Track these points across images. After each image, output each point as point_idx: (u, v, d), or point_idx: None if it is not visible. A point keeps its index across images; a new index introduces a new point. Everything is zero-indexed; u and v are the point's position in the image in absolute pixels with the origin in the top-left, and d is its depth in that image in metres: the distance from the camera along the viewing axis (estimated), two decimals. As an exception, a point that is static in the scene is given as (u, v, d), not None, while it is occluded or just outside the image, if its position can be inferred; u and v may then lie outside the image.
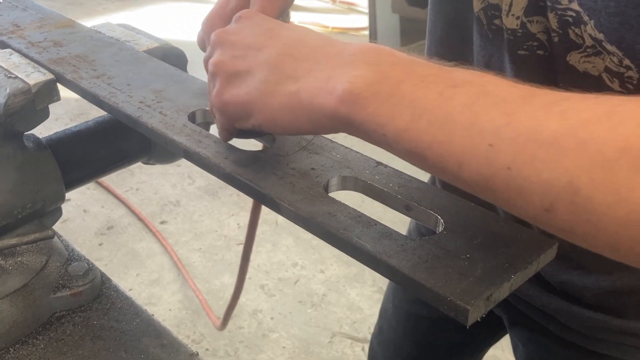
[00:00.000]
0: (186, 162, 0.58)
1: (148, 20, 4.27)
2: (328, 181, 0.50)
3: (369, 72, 0.40)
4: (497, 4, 0.54)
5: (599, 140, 0.32)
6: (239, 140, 0.52)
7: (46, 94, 0.64)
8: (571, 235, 0.34)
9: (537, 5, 0.51)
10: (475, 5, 0.57)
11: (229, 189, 2.54)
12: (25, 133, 0.66)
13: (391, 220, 0.76)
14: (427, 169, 0.39)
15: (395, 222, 0.59)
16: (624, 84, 0.48)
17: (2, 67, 0.66)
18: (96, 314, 0.65)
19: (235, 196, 2.55)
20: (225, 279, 2.16)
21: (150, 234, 2.38)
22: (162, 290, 2.12)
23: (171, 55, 0.74)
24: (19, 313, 0.62)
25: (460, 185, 0.38)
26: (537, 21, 0.52)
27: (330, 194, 0.48)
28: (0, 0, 0.86)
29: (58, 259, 0.67)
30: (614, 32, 0.45)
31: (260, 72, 0.46)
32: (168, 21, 4.33)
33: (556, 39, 0.51)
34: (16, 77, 0.64)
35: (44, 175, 0.66)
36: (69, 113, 3.06)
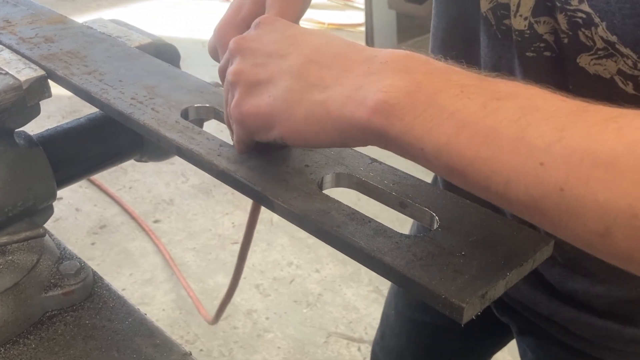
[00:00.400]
0: (180, 160, 0.58)
1: (141, 17, 4.25)
2: (322, 178, 0.49)
3: (403, 81, 0.38)
4: (507, 3, 0.52)
5: None
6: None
7: (37, 90, 0.63)
8: (628, 263, 0.32)
9: (545, 6, 0.50)
10: (482, 5, 0.55)
11: (223, 188, 2.53)
12: (16, 130, 0.66)
13: (387, 218, 0.76)
14: (469, 187, 0.37)
15: (392, 221, 0.59)
16: (639, 87, 0.47)
17: (-7, 63, 0.65)
18: (88, 313, 0.65)
19: (230, 195, 2.54)
20: (219, 278, 2.15)
21: (144, 233, 2.36)
22: (156, 290, 2.11)
23: (164, 52, 0.74)
24: (10, 312, 0.61)
25: (505, 206, 0.36)
26: (545, 22, 0.50)
27: (324, 191, 0.48)
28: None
29: (49, 257, 0.67)
30: (629, 34, 0.44)
31: (284, 81, 0.43)
32: (161, 17, 4.31)
33: (565, 41, 0.49)
34: (7, 74, 0.63)
35: (35, 172, 0.65)
36: (62, 110, 3.05)
